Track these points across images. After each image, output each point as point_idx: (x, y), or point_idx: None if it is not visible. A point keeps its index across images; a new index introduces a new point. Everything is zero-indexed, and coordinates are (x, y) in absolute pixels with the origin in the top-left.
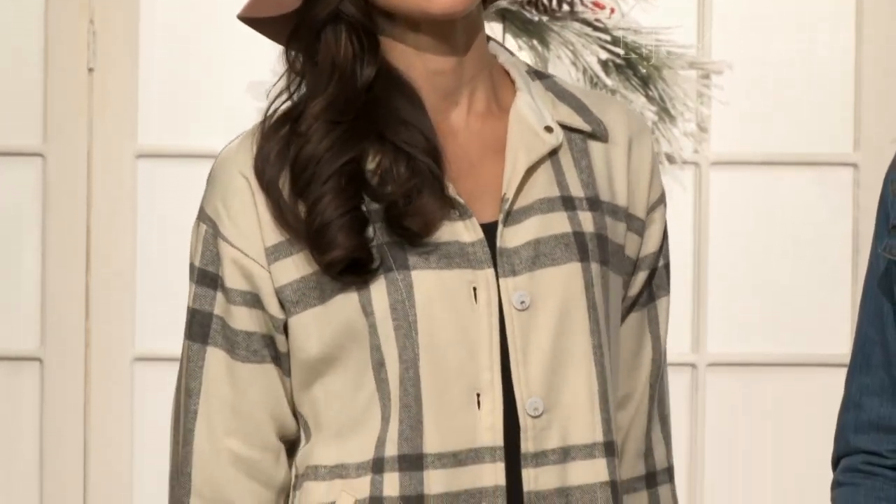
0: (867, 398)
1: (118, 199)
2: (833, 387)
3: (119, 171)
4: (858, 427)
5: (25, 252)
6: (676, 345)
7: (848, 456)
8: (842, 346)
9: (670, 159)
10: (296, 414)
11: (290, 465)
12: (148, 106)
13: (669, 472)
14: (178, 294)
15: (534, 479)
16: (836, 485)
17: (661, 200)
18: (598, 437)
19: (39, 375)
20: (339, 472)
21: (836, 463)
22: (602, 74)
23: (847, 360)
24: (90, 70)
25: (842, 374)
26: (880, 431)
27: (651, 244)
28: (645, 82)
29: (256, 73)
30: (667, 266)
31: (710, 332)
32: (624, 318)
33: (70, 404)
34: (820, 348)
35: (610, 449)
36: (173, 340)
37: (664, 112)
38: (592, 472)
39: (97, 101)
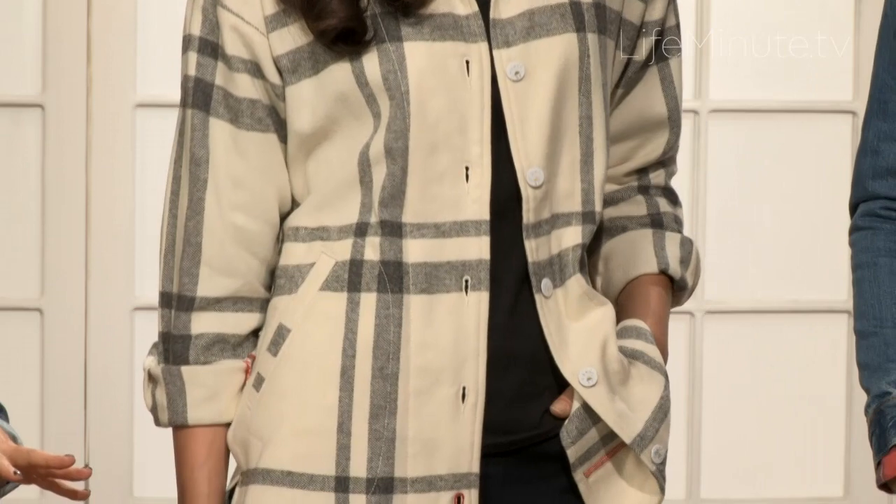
0: (885, 144)
1: None
2: (836, 133)
3: None
4: (876, 173)
5: None
6: None
7: (866, 201)
8: (845, 93)
9: None
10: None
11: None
12: None
13: (676, 219)
14: (180, 41)
15: (535, 249)
16: (854, 229)
17: None
18: (577, 207)
19: (41, 122)
20: (319, 234)
21: (853, 208)
22: None
23: (851, 106)
24: None
25: (845, 120)
26: None
27: (657, 10)
28: None
29: None
30: (677, 26)
31: (713, 79)
32: (635, 80)
33: (72, 150)
34: (823, 94)
35: (589, 217)
36: (175, 87)
37: None
38: (572, 236)
39: None
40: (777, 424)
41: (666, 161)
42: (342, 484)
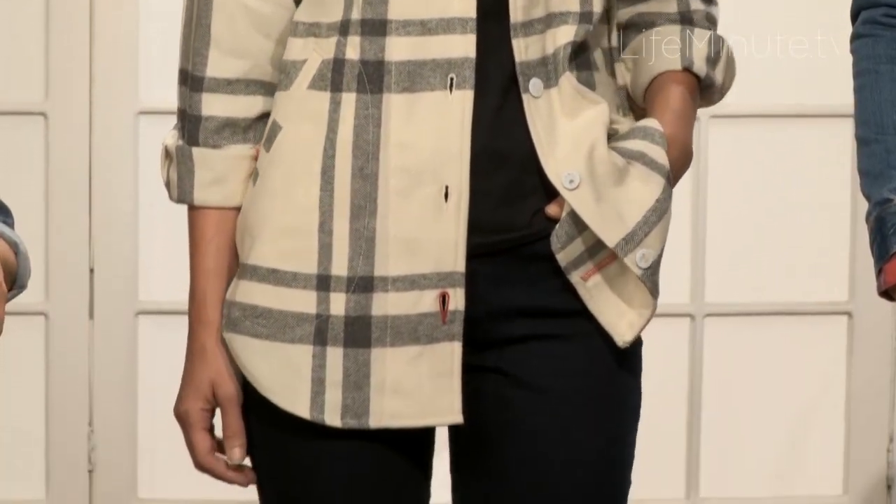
0: None
1: None
2: None
3: None
4: None
5: None
6: None
7: (867, 9)
8: None
9: None
10: None
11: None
12: None
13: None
14: None
15: (523, 49)
16: (856, 37)
17: None
18: (575, 6)
19: None
20: (313, 30)
21: (855, 16)
22: None
23: None
24: None
25: None
26: None
27: None
28: None
29: None
30: None
31: None
32: None
33: None
34: None
35: (586, 17)
36: None
37: None
38: (565, 35)
39: None
40: (781, 232)
41: None
42: (323, 282)
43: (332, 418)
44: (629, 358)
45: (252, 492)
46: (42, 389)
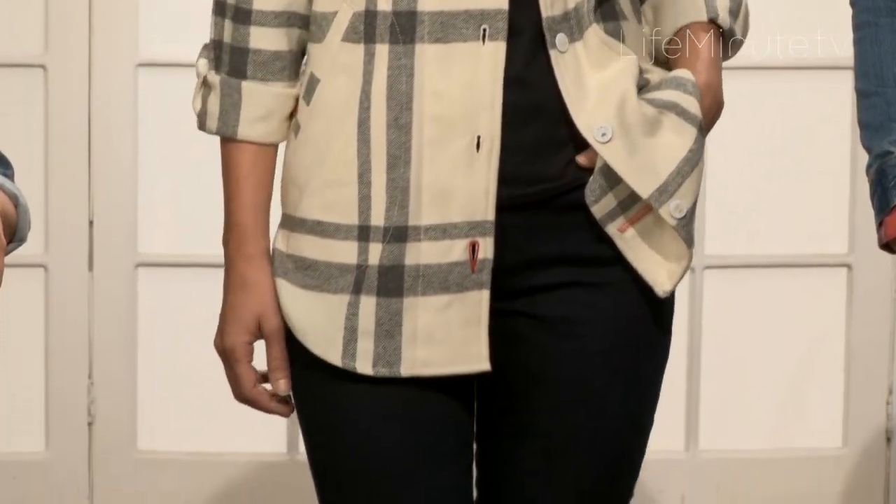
0: None
1: None
2: None
3: None
4: None
5: None
6: None
7: None
8: None
9: None
10: None
11: None
12: None
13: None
14: None
15: (549, 5)
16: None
17: None
18: None
19: None
20: None
21: None
22: None
23: None
24: None
25: None
26: None
27: None
28: None
29: None
30: None
31: None
32: None
33: None
34: None
35: None
36: None
37: None
38: None
39: None
40: (781, 184)
41: None
42: (364, 233)
43: (364, 366)
44: (662, 307)
45: (244, 444)
46: (41, 342)
